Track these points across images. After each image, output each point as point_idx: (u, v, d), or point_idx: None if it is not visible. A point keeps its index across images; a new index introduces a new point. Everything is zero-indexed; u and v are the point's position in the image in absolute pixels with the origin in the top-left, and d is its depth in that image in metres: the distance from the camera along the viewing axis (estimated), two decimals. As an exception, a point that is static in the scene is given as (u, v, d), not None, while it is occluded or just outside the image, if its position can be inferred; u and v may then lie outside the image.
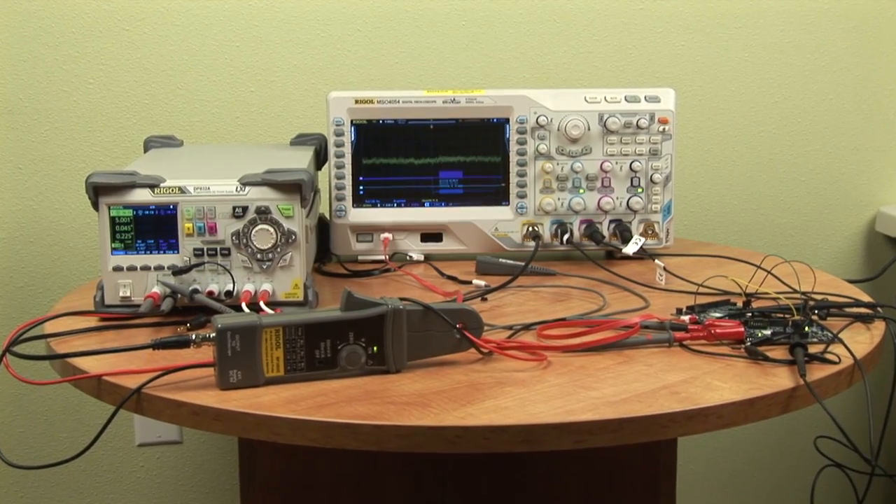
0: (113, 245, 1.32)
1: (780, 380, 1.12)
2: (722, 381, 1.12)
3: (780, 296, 1.33)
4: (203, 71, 1.90)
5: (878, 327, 1.28)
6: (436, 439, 1.02)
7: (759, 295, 1.36)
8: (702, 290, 1.39)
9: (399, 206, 1.66)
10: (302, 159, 1.51)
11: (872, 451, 1.18)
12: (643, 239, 1.62)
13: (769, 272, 1.41)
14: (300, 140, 1.71)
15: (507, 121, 1.64)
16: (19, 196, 1.87)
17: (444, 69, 1.96)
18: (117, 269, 1.32)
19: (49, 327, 1.30)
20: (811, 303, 1.33)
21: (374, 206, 1.66)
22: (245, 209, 1.31)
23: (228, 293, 1.32)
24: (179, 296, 1.31)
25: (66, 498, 1.97)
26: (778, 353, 1.19)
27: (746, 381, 1.12)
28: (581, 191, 1.65)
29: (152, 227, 1.32)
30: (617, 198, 1.64)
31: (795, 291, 1.38)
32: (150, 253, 1.32)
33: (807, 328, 1.25)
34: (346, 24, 1.93)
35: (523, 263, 1.54)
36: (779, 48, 2.04)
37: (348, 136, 1.63)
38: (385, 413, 1.04)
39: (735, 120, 2.06)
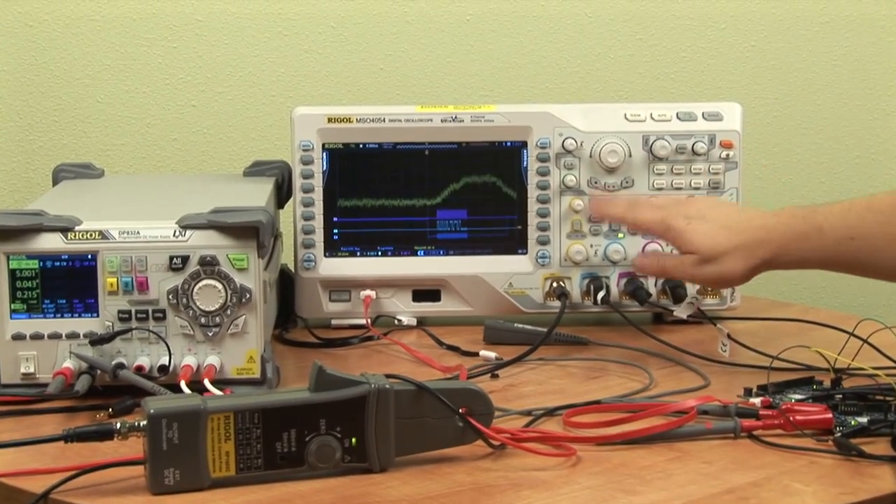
0: (13, 306, 1.33)
1: (881, 482, 1.13)
2: (804, 483, 1.13)
3: (880, 372, 1.34)
4: (129, 79, 1.93)
5: None
6: (432, 559, 1.03)
7: (851, 371, 1.37)
8: (777, 364, 1.40)
9: (384, 254, 1.68)
10: (259, 195, 1.53)
11: None
12: (700, 298, 1.63)
13: (865, 341, 1.42)
14: (257, 170, 1.73)
15: (525, 145, 1.67)
16: None
17: (443, 79, 1.98)
18: (18, 337, 1.34)
19: (-71, 413, 1.31)
20: (920, 381, 1.35)
21: (353, 254, 1.67)
22: (185, 259, 1.33)
23: (163, 368, 1.33)
24: (99, 372, 1.32)
25: None
26: (878, 447, 1.19)
27: (836, 483, 1.13)
28: (620, 235, 1.67)
29: (64, 283, 1.33)
30: (667, 244, 1.66)
31: (899, 366, 1.39)
32: (62, 316, 1.34)
33: (914, 414, 1.26)
34: (316, 23, 1.96)
35: (545, 330, 1.55)
36: (878, 49, 2.06)
37: (319, 165, 1.65)
38: (366, 525, 1.05)
39: (819, 143, 2.08)
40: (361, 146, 1.66)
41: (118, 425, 1.12)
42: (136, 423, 1.10)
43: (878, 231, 1.34)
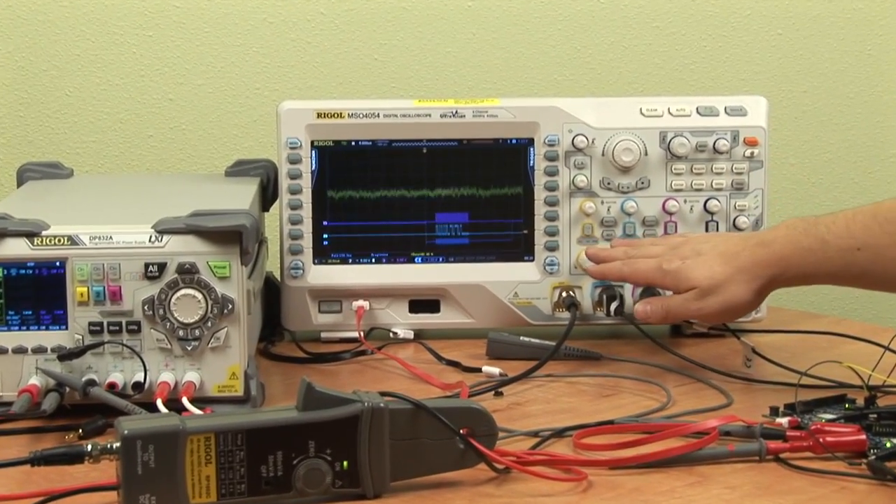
0: (-25, 318, 1.34)
1: (918, 508, 1.14)
2: (835, 510, 1.14)
3: (918, 389, 1.35)
4: (101, 70, 1.93)
5: None
6: (431, 593, 1.03)
7: (887, 388, 1.38)
8: (806, 380, 1.41)
9: (378, 261, 1.68)
10: (242, 197, 1.53)
11: None
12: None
13: (902, 356, 1.42)
14: (240, 169, 1.74)
15: (532, 142, 1.67)
16: None
17: (442, 70, 1.99)
18: (-20, 351, 1.34)
19: None
20: (961, 399, 1.35)
21: (344, 261, 1.68)
22: (162, 267, 1.33)
23: (138, 386, 1.33)
24: (68, 390, 1.32)
25: None
26: (914, 470, 1.20)
27: (870, 510, 1.14)
28: (635, 240, 1.68)
29: (30, 293, 1.33)
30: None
31: (939, 383, 1.40)
32: (27, 329, 1.34)
33: (955, 435, 1.26)
34: (304, 9, 1.96)
35: (554, 343, 1.56)
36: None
37: (307, 164, 1.66)
38: (359, 556, 1.05)
39: (852, 139, 2.08)
40: (354, 143, 1.66)
41: (89, 447, 1.12)
42: (109, 445, 1.11)
43: (886, 241, 1.36)
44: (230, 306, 1.33)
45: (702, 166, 1.67)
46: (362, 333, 1.63)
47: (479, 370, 1.54)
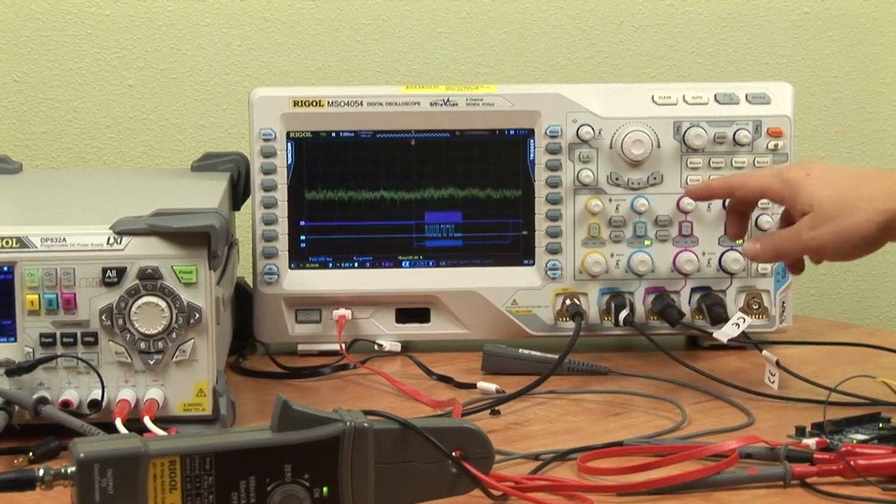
0: (-87, 328, 1.34)
1: (960, 539, 1.14)
2: (868, 540, 1.14)
3: (959, 407, 1.36)
4: (53, 53, 1.93)
5: None
6: None
7: (925, 406, 1.39)
8: (836, 397, 1.41)
9: (362, 266, 1.69)
10: (210, 194, 1.53)
11: None
12: (745, 318, 1.64)
13: (942, 370, 1.43)
14: (207, 163, 1.74)
15: (532, 133, 1.68)
16: None
17: (432, 53, 1.99)
18: (-80, 366, 1.34)
19: None
20: None
21: (323, 266, 1.68)
22: (121, 272, 1.33)
23: (95, 404, 1.33)
24: (17, 408, 1.32)
25: None
26: (956, 496, 1.21)
27: (906, 540, 1.14)
28: (647, 242, 1.68)
29: (-25, 301, 1.34)
30: (703, 254, 1.67)
31: (983, 400, 1.40)
32: (-28, 341, 1.35)
33: None
34: (278, -17, 1.96)
35: (556, 356, 1.56)
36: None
37: (283, 158, 1.66)
38: (340, 592, 1.06)
39: (886, 129, 2.08)
40: (334, 135, 1.67)
41: (41, 472, 1.12)
42: (63, 470, 1.11)
43: None
44: (197, 315, 1.34)
45: (720, 160, 1.67)
46: (344, 346, 1.63)
47: (474, 386, 1.54)
